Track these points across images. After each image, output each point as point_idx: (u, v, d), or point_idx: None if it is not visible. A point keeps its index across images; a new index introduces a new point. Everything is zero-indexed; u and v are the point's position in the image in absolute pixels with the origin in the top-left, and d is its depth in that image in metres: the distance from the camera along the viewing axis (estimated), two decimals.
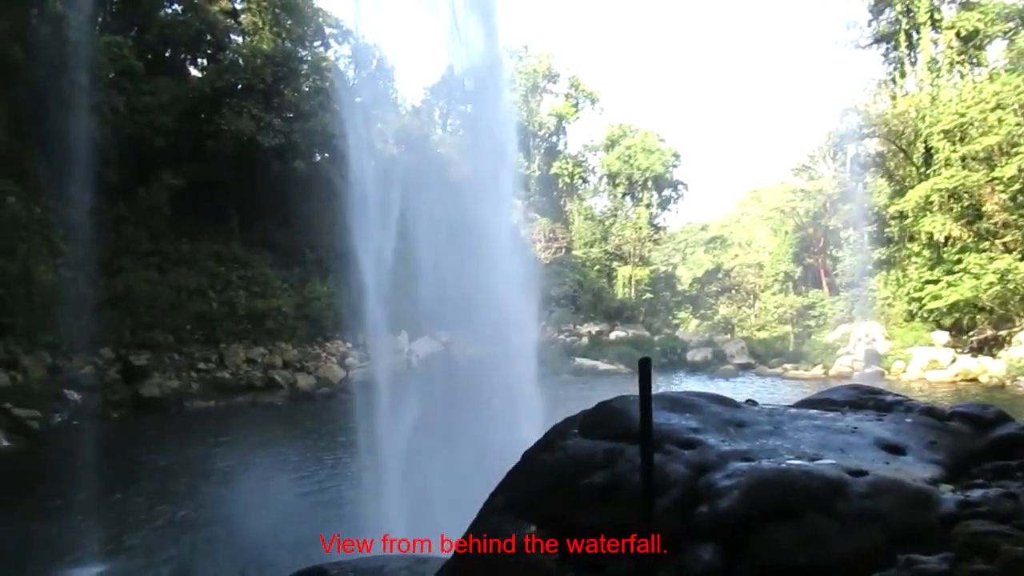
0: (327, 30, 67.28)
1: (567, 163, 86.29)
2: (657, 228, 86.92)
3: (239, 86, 55.52)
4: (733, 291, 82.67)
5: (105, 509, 25.80)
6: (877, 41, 67.56)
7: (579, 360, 62.68)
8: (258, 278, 54.24)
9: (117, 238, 49.66)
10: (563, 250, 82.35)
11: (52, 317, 44.58)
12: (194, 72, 62.87)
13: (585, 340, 70.57)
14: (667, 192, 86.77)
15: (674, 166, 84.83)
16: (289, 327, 52.88)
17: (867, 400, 4.96)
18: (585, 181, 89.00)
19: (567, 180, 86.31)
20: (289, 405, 45.41)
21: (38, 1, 48.13)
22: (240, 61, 57.22)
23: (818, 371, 57.14)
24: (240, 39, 63.75)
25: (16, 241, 44.22)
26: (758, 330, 74.87)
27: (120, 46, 55.11)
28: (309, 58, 62.62)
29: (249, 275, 54.16)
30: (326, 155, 58.29)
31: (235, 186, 56.54)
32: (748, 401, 4.85)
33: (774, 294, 75.68)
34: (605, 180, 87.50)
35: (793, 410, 4.69)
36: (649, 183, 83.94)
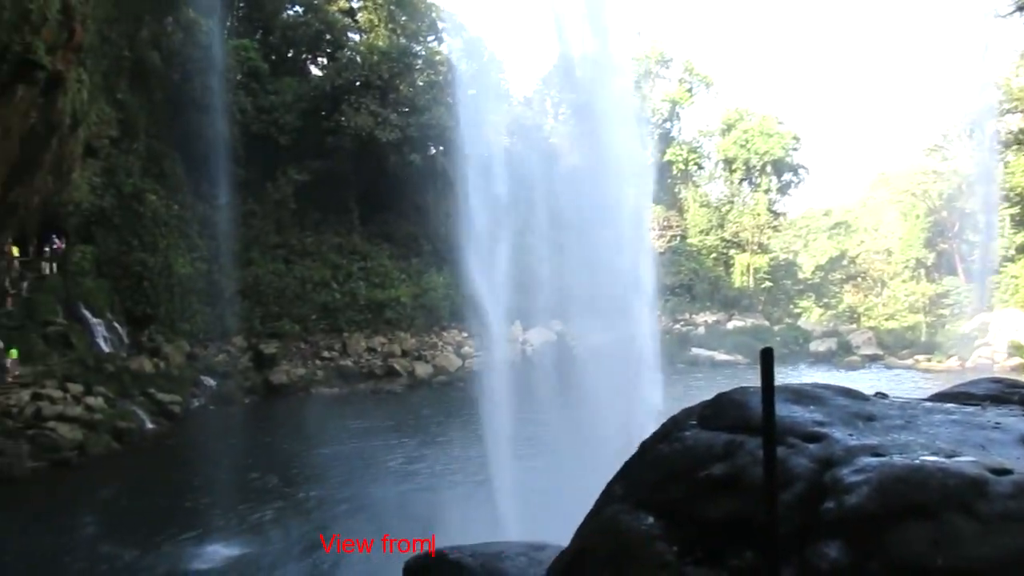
0: (440, 24, 68.38)
1: (681, 149, 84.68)
2: (776, 214, 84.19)
3: (357, 83, 57.31)
4: (859, 279, 79.12)
5: (240, 488, 27.34)
6: (1020, 9, 62.79)
7: (695, 350, 61.60)
8: (377, 269, 55.95)
9: (247, 232, 52.29)
10: (677, 238, 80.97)
11: (189, 307, 47.53)
12: (315, 71, 65.30)
13: (701, 330, 69.26)
14: (787, 177, 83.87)
15: (794, 149, 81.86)
16: (407, 317, 54.34)
17: (1011, 394, 4.63)
18: (700, 167, 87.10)
19: (681, 167, 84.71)
20: (408, 393, 46.69)
21: (173, 10, 51.07)
22: (358, 59, 59.02)
23: (953, 363, 54.04)
24: (357, 37, 65.72)
25: (157, 236, 47.30)
26: (886, 319, 71.29)
27: (247, 49, 57.95)
28: (423, 53, 63.88)
29: (369, 266, 55.95)
30: (441, 148, 59.41)
31: (355, 180, 58.49)
32: (877, 394, 4.63)
33: (904, 281, 71.92)
34: (721, 166, 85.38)
35: (927, 404, 4.44)
36: (768, 168, 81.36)
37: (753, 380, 3.43)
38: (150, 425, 35.90)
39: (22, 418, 31.82)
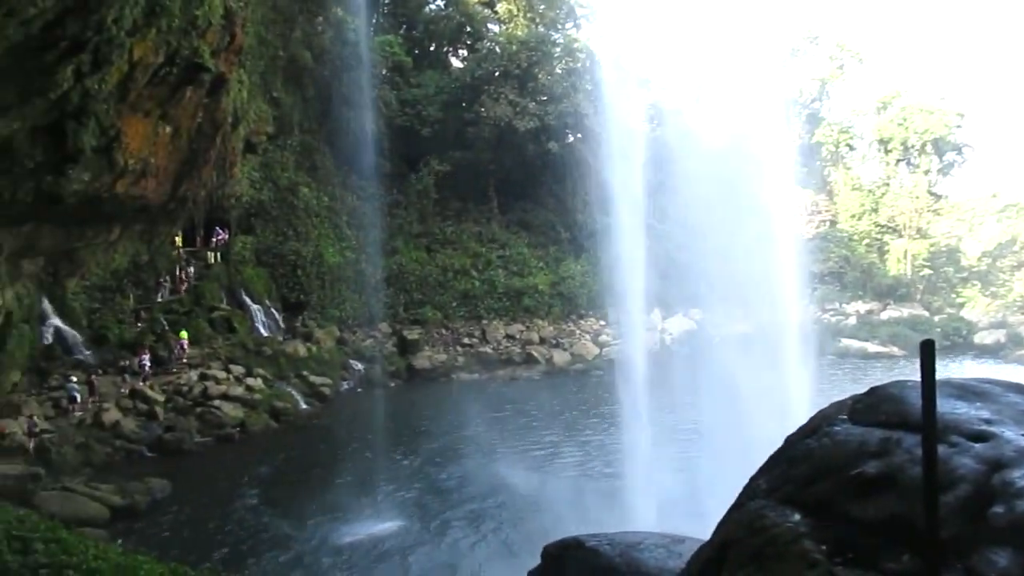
0: (578, 11, 68.09)
1: (831, 130, 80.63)
2: (937, 197, 78.61)
3: (496, 73, 58.02)
4: None
5: (384, 467, 28.49)
6: None
7: (845, 341, 58.69)
8: (516, 257, 56.61)
9: (392, 221, 54.17)
10: (827, 223, 77.27)
11: (339, 295, 49.86)
12: (456, 63, 66.63)
13: (852, 320, 65.91)
14: (949, 157, 78.03)
15: (957, 127, 75.99)
16: (545, 304, 54.73)
17: None
18: (852, 148, 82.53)
19: (831, 148, 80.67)
20: (545, 380, 47.06)
21: (323, 10, 53.45)
22: (497, 49, 59.70)
23: None
24: (497, 28, 66.50)
25: (309, 227, 49.89)
26: None
27: (391, 44, 59.91)
28: (561, 41, 63.83)
29: (508, 254, 56.69)
30: (579, 135, 59.29)
31: (494, 169, 59.36)
32: None
33: None
34: (875, 146, 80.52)
35: None
36: (927, 147, 76.06)
37: (909, 373, 3.23)
38: (304, 405, 37.98)
39: (191, 396, 34.48)
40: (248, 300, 44.97)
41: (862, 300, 69.56)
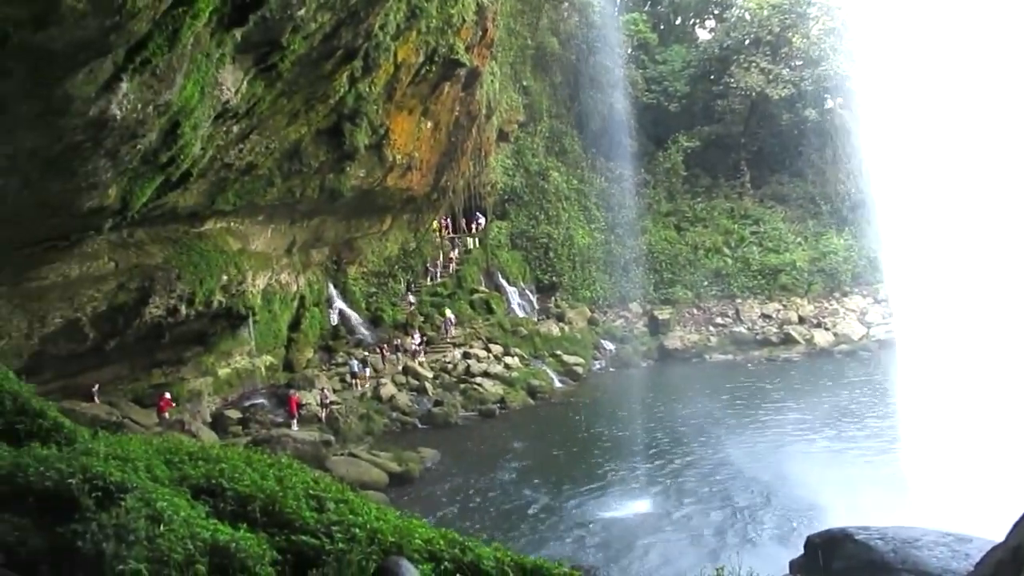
0: None
1: None
2: None
3: (746, 41, 55.50)
4: None
5: (637, 445, 28.60)
6: None
7: None
8: (771, 233, 54.01)
9: (640, 201, 53.95)
10: None
11: (589, 275, 50.66)
12: (702, 35, 64.67)
13: None
14: None
15: None
16: (804, 282, 51.68)
17: None
18: None
19: None
20: (805, 361, 44.55)
21: None
22: (747, 16, 57.02)
23: None
24: None
25: (560, 210, 51.13)
26: None
27: (636, 22, 59.41)
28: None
29: (762, 230, 54.24)
30: (839, 100, 55.18)
31: (746, 142, 57.03)
32: None
33: None
34: None
35: None
36: None
37: None
38: (558, 384, 39.18)
39: (455, 373, 36.89)
40: (504, 282, 47.12)
41: None
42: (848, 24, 52.33)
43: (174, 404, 26.56)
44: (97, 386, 25.41)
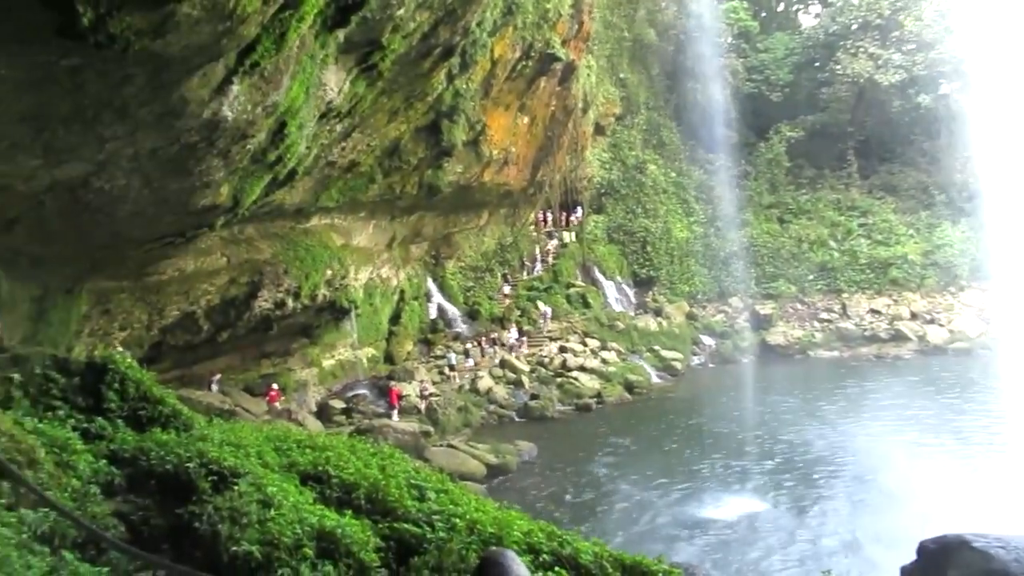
0: None
1: None
2: None
3: (854, 26, 53.30)
4: None
5: (736, 443, 27.96)
6: None
7: None
8: (880, 225, 51.73)
9: (741, 193, 52.65)
10: None
11: (688, 269, 49.79)
12: (806, 21, 62.54)
13: None
14: None
15: None
16: (916, 276, 49.29)
17: None
18: None
19: None
20: (918, 359, 42.54)
21: None
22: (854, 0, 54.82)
23: None
24: None
25: (658, 203, 50.44)
26: None
27: (736, 10, 57.87)
28: None
29: (871, 222, 52.03)
30: (955, 84, 52.34)
31: (853, 131, 54.86)
32: None
33: None
34: None
35: None
36: None
37: None
38: (656, 379, 38.72)
39: (552, 367, 36.95)
40: (601, 276, 46.88)
41: None
42: (965, 3, 49.54)
43: (283, 396, 27.64)
44: (218, 376, 26.78)
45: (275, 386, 27.55)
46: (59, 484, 6.58)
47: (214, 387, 26.42)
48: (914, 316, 47.27)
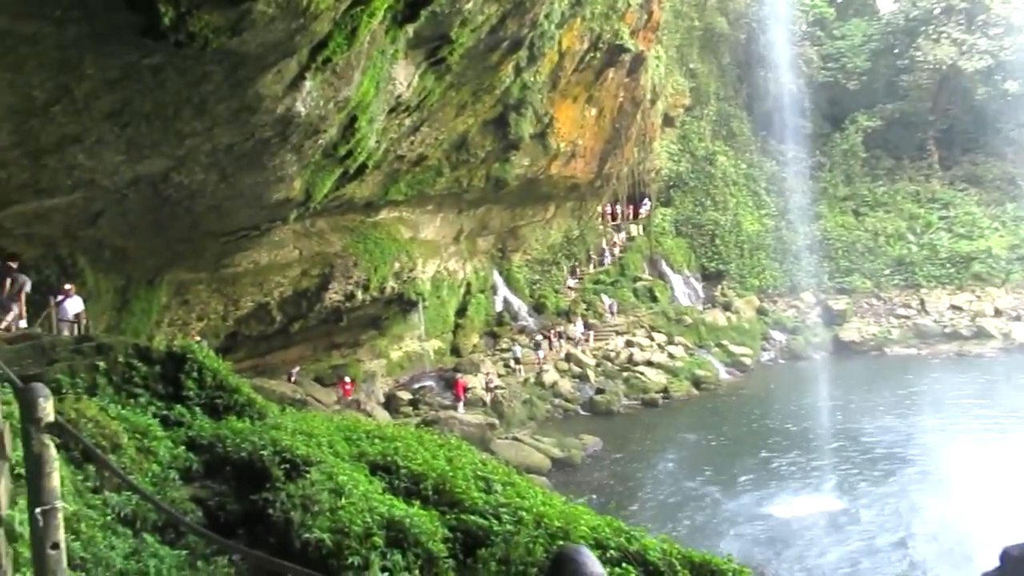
0: None
1: None
2: None
3: (936, 10, 51.26)
4: None
5: (807, 442, 27.29)
6: None
7: None
8: (962, 218, 49.75)
9: (814, 185, 51.33)
10: None
11: (758, 263, 48.78)
12: (884, 7, 60.40)
13: None
14: None
15: None
16: (1001, 271, 47.24)
17: None
18: None
19: None
20: (1002, 357, 40.78)
21: None
22: None
23: None
24: None
25: (727, 196, 49.54)
26: None
27: None
28: None
29: (952, 215, 50.08)
30: None
31: (934, 120, 52.85)
32: None
33: None
34: None
35: None
36: None
37: None
38: (724, 375, 38.09)
39: (618, 362, 36.72)
40: (668, 270, 46.32)
41: None
42: None
43: (353, 387, 28.21)
44: (297, 368, 27.53)
45: (349, 379, 28.11)
46: (140, 469, 6.83)
47: (294, 377, 27.18)
48: (998, 313, 45.36)
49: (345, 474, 7.10)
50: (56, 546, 3.44)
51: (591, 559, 1.61)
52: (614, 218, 48.68)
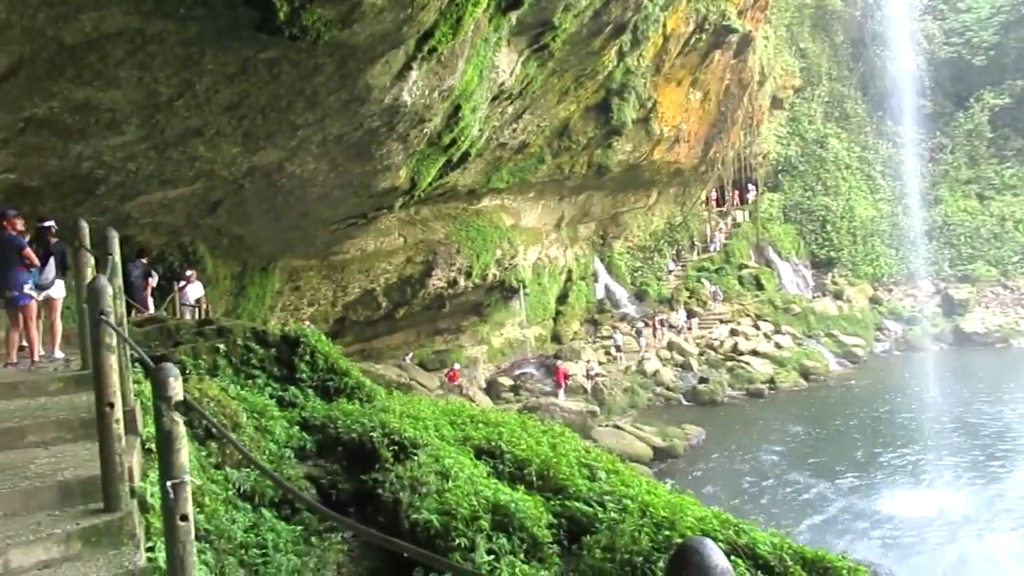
0: None
1: None
2: None
3: None
4: None
5: (925, 439, 26.01)
6: None
7: None
8: None
9: (934, 168, 48.74)
10: None
11: (872, 250, 46.69)
12: None
13: None
14: None
15: None
16: None
17: None
18: None
19: None
20: None
21: None
22: None
23: None
24: None
25: (839, 180, 47.59)
26: None
27: None
28: None
29: None
30: None
31: None
32: None
33: None
34: None
35: None
36: None
37: None
38: (835, 366, 36.64)
39: (722, 351, 35.88)
40: (776, 257, 44.94)
41: None
42: None
43: (457, 373, 28.70)
44: (411, 354, 28.29)
45: (457, 365, 28.61)
46: (258, 447, 7.15)
47: (407, 361, 28.05)
48: None
49: (451, 457, 7.22)
50: (185, 518, 3.64)
51: (716, 552, 1.57)
52: (719, 204, 47.57)
